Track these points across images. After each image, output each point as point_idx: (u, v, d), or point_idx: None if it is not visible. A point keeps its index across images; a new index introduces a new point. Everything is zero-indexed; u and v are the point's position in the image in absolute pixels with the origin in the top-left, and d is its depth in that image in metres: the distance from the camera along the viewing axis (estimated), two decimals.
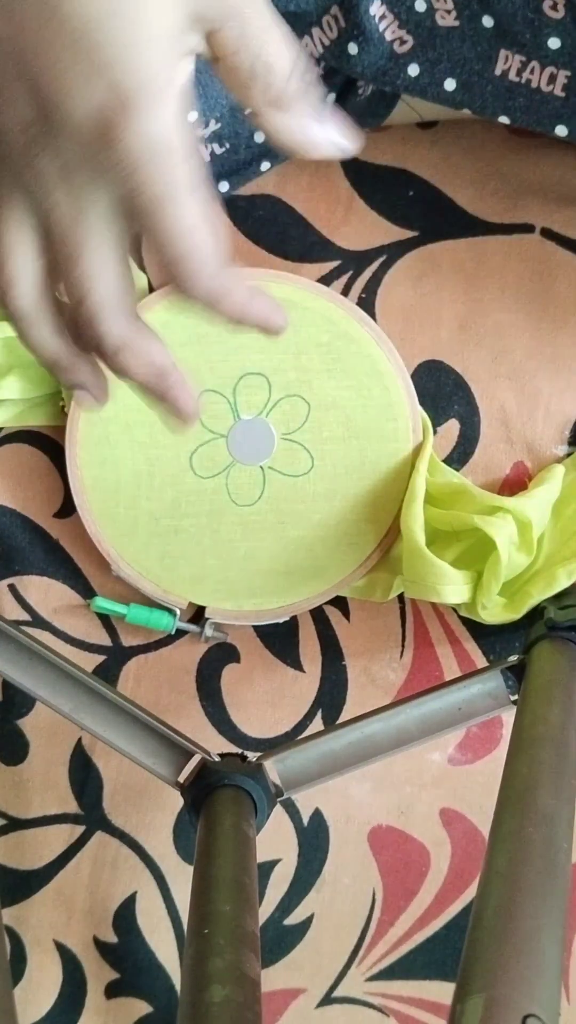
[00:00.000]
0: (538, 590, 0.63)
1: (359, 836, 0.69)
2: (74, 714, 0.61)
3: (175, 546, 0.66)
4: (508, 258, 0.67)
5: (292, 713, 0.69)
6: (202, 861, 0.55)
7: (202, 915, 0.50)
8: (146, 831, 0.69)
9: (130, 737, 0.61)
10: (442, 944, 0.69)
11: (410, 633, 0.69)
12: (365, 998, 0.69)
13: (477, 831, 0.69)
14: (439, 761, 0.69)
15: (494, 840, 0.46)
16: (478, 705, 0.62)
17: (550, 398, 0.67)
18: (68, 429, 0.65)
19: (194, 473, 0.65)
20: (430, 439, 0.65)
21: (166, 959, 0.69)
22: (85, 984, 0.69)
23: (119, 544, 0.66)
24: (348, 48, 0.56)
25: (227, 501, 0.66)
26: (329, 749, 0.61)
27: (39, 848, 0.69)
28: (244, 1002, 0.43)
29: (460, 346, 0.67)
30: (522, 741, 0.53)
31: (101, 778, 0.69)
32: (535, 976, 0.38)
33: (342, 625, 0.69)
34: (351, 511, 0.66)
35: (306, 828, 0.69)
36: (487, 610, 0.63)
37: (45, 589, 0.68)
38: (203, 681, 0.69)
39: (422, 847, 0.69)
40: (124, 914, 0.69)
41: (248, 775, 0.59)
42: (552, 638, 0.61)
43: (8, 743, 0.69)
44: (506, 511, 0.62)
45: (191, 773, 0.60)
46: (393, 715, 0.61)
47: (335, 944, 0.69)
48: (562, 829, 0.46)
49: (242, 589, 0.66)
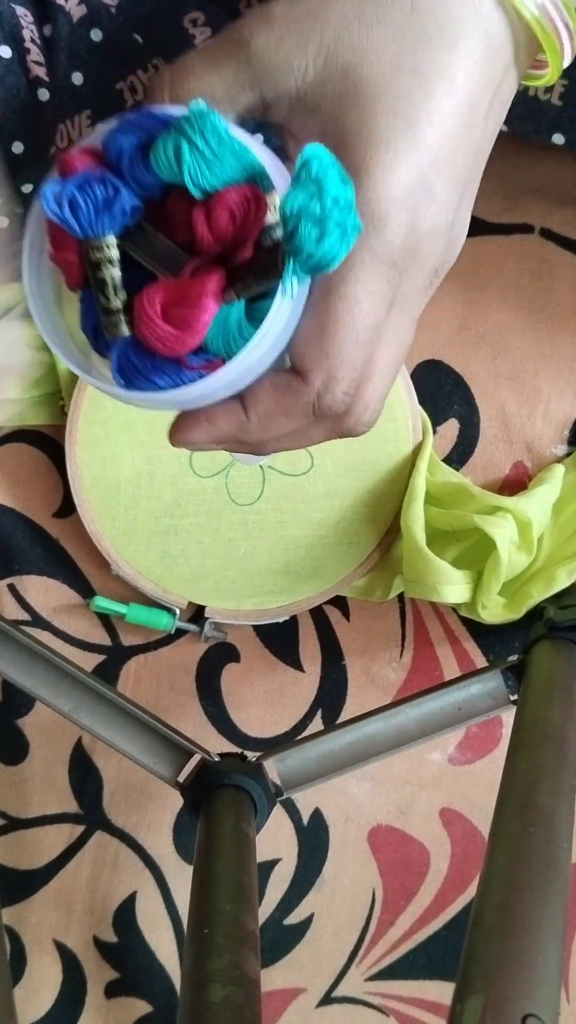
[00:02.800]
0: (538, 590, 0.63)
1: (359, 836, 0.69)
2: (74, 714, 0.61)
3: (175, 545, 0.66)
4: (507, 258, 0.67)
5: (292, 713, 0.69)
6: (202, 861, 0.55)
7: (202, 915, 0.50)
8: (146, 831, 0.69)
9: (130, 737, 0.61)
10: (442, 944, 0.69)
11: (410, 633, 0.69)
12: (365, 998, 0.69)
13: (477, 831, 0.69)
14: (439, 761, 0.69)
15: (494, 840, 0.46)
16: (478, 705, 0.62)
17: (550, 398, 0.67)
18: (68, 429, 0.65)
19: (194, 472, 0.65)
20: (430, 439, 0.65)
21: (166, 959, 0.69)
22: (85, 984, 0.69)
23: (119, 543, 0.66)
24: None
25: (227, 500, 0.66)
26: (329, 749, 0.61)
27: (39, 848, 0.69)
28: (244, 1002, 0.43)
29: (460, 346, 0.67)
30: (522, 741, 0.53)
31: (101, 778, 0.69)
32: (535, 976, 0.38)
33: (342, 625, 0.69)
34: (351, 511, 0.66)
35: (306, 828, 0.69)
36: (487, 610, 0.63)
37: (45, 589, 0.68)
38: (203, 681, 0.69)
39: (422, 847, 0.69)
40: (124, 914, 0.69)
41: (248, 775, 0.59)
42: (552, 638, 0.61)
43: (8, 743, 0.69)
44: (506, 511, 0.62)
45: (191, 773, 0.60)
46: (393, 715, 0.61)
47: (335, 944, 0.69)
48: (562, 829, 0.46)
49: (242, 588, 0.66)
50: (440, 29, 0.38)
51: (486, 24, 0.38)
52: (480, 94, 0.39)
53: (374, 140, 0.37)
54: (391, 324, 0.40)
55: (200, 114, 0.37)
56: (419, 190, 0.38)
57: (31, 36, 0.50)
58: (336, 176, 0.36)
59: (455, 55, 0.38)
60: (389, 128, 0.37)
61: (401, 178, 0.38)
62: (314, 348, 0.39)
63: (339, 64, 0.38)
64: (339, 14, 0.38)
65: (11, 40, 0.49)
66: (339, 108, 0.38)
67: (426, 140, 0.38)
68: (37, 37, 0.50)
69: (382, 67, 0.38)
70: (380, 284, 0.39)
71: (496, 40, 0.38)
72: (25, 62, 0.50)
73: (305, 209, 0.35)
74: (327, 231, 0.36)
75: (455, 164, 0.39)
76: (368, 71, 0.38)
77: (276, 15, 0.39)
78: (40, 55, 0.50)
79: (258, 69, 0.39)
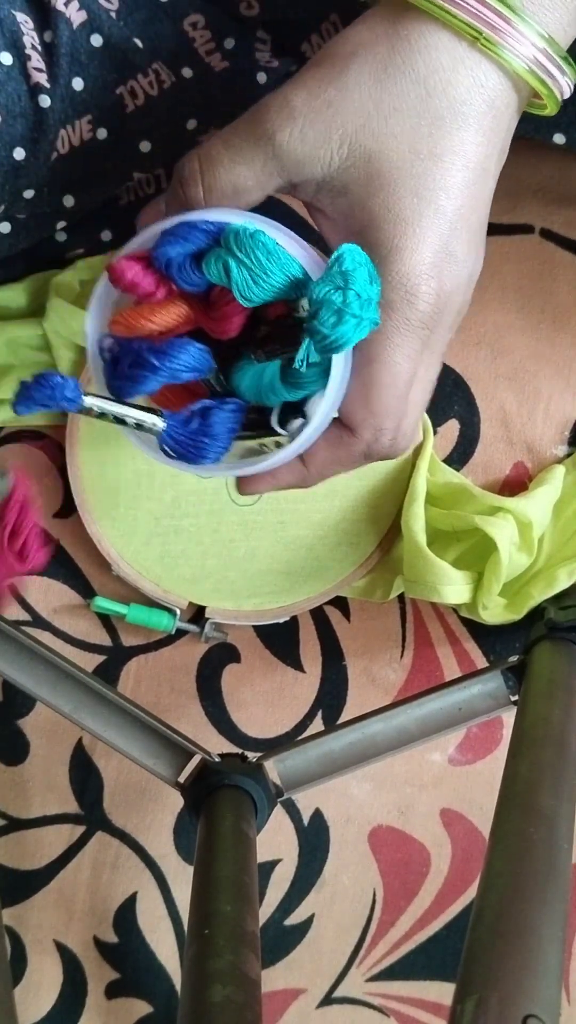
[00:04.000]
0: (538, 590, 0.63)
1: (359, 836, 0.69)
2: (74, 714, 0.61)
3: (175, 546, 0.66)
4: (508, 258, 0.67)
5: (292, 713, 0.69)
6: (202, 861, 0.55)
7: (202, 915, 0.50)
8: (146, 831, 0.69)
9: (130, 737, 0.61)
10: (442, 944, 0.69)
11: (410, 633, 0.69)
12: (365, 998, 0.69)
13: (477, 831, 0.69)
14: (439, 761, 0.69)
15: (494, 840, 0.46)
16: (478, 705, 0.62)
17: (550, 398, 0.67)
18: (68, 429, 0.65)
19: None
20: (430, 439, 0.65)
21: (166, 959, 0.69)
22: (85, 984, 0.69)
23: (119, 544, 0.66)
24: None
25: (227, 500, 0.66)
26: (329, 749, 0.61)
27: (39, 848, 0.69)
28: (244, 1002, 0.43)
29: (460, 346, 0.67)
30: (522, 741, 0.54)
31: (101, 778, 0.69)
32: (535, 976, 0.38)
33: (342, 625, 0.69)
34: (351, 511, 0.66)
35: (306, 828, 0.69)
36: (488, 610, 0.63)
37: (45, 589, 0.68)
38: (203, 681, 0.69)
39: (422, 847, 0.69)
40: (124, 914, 0.69)
41: (248, 775, 0.59)
42: (552, 638, 0.61)
43: (8, 743, 0.69)
44: (507, 511, 0.63)
45: (191, 773, 0.60)
46: (393, 715, 0.61)
47: (335, 944, 0.69)
48: (562, 829, 0.46)
49: (242, 589, 0.66)
50: (452, 110, 0.41)
51: (491, 95, 0.42)
52: (488, 159, 0.43)
53: (401, 222, 0.42)
54: (423, 366, 0.45)
55: (247, 232, 0.41)
56: (442, 258, 0.42)
57: (32, 43, 0.50)
58: (364, 275, 0.40)
59: (466, 132, 0.42)
60: (413, 211, 0.42)
61: (426, 253, 0.42)
62: (361, 407, 0.44)
63: (362, 152, 0.42)
64: (358, 104, 0.41)
65: (12, 47, 0.49)
66: (366, 191, 0.42)
67: (446, 213, 0.42)
68: (38, 43, 0.50)
69: (401, 152, 0.42)
70: (415, 344, 0.43)
71: (499, 105, 0.42)
72: (26, 68, 0.50)
73: (327, 299, 0.40)
74: (343, 320, 0.40)
75: (470, 224, 0.43)
76: (389, 156, 0.42)
77: (297, 108, 0.42)
78: (41, 61, 0.50)
79: (284, 160, 0.42)
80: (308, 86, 0.42)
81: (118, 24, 0.52)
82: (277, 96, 0.42)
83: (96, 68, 0.52)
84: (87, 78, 0.52)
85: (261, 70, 0.57)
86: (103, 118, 0.53)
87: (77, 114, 0.52)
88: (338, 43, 0.42)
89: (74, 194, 0.56)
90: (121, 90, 0.53)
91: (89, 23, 0.51)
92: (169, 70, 0.54)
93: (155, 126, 0.55)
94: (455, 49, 0.41)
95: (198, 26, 0.55)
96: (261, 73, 0.57)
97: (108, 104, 0.53)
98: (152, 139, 0.56)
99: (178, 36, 0.54)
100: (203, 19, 0.55)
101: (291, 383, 0.43)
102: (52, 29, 0.50)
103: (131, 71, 0.53)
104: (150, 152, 0.56)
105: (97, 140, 0.54)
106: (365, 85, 0.41)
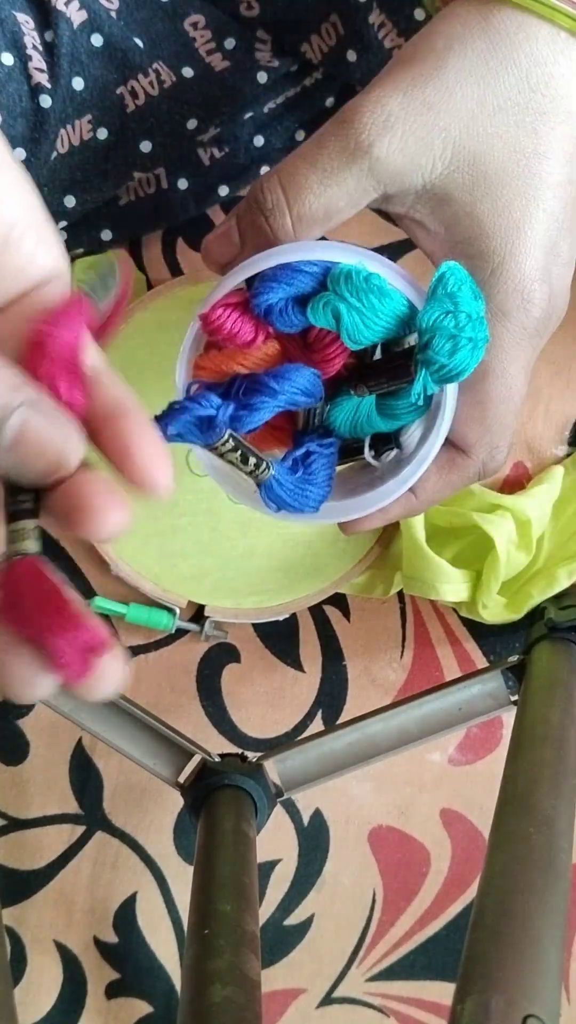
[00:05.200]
0: (538, 590, 0.63)
1: (359, 836, 0.69)
2: (74, 714, 0.61)
3: (174, 544, 0.66)
4: None
5: (292, 713, 0.69)
6: (202, 861, 0.55)
7: (202, 915, 0.50)
8: (146, 831, 0.69)
9: (130, 737, 0.61)
10: (442, 944, 0.69)
11: (410, 633, 0.69)
12: (365, 998, 0.69)
13: (477, 831, 0.69)
14: (439, 761, 0.69)
15: (494, 840, 0.46)
16: (478, 705, 0.62)
17: (550, 398, 0.67)
18: None
19: (191, 471, 0.65)
20: None
21: (166, 959, 0.69)
22: (85, 984, 0.69)
23: (117, 543, 0.66)
24: (347, 55, 0.56)
25: (224, 499, 0.65)
26: (329, 749, 0.61)
27: (39, 848, 0.69)
28: (244, 1002, 0.43)
29: None
30: (522, 741, 0.54)
31: (101, 778, 0.69)
32: (535, 976, 0.38)
33: (342, 625, 0.69)
34: None
35: (306, 828, 0.69)
36: (488, 610, 0.63)
37: None
38: (203, 681, 0.69)
39: (422, 847, 0.69)
40: (124, 914, 0.69)
41: (248, 775, 0.59)
42: (552, 638, 0.61)
43: (8, 743, 0.69)
44: (505, 509, 0.63)
45: (191, 773, 0.60)
46: (393, 715, 0.61)
47: (335, 944, 0.69)
48: (562, 830, 0.46)
49: (241, 587, 0.66)
50: (555, 104, 0.39)
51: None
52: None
53: (511, 226, 0.39)
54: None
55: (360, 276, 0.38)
56: (552, 259, 0.40)
57: (33, 43, 0.50)
58: (469, 292, 0.38)
59: (566, 127, 0.39)
60: (523, 213, 0.39)
61: (538, 255, 0.40)
62: (476, 425, 0.42)
63: (467, 155, 0.39)
64: (460, 103, 0.39)
65: (13, 47, 0.49)
66: (471, 197, 0.39)
67: (553, 212, 0.40)
68: (39, 43, 0.50)
69: (507, 152, 0.39)
70: (530, 354, 0.41)
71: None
72: (27, 69, 0.50)
73: (439, 326, 0.37)
74: (460, 346, 0.37)
75: (571, 220, 0.40)
76: (495, 157, 0.39)
77: (395, 115, 0.38)
78: (42, 61, 0.50)
79: (382, 174, 0.39)
80: (401, 87, 0.38)
81: (119, 24, 0.52)
82: (367, 102, 0.39)
83: (97, 68, 0.52)
84: (88, 78, 0.52)
85: (261, 70, 0.57)
86: (103, 118, 0.53)
87: (77, 114, 0.52)
88: (426, 39, 0.39)
89: (74, 194, 0.56)
90: (121, 90, 0.53)
91: (90, 23, 0.51)
92: (169, 70, 0.54)
93: (155, 126, 0.55)
94: (554, 41, 0.38)
95: (198, 26, 0.55)
96: (261, 73, 0.57)
97: (108, 104, 0.53)
98: (152, 139, 0.56)
99: (178, 36, 0.54)
100: (203, 19, 0.55)
101: (389, 415, 0.41)
102: (53, 29, 0.50)
103: (131, 71, 0.53)
104: (150, 152, 0.56)
105: (97, 140, 0.54)
106: (466, 83, 0.38)
